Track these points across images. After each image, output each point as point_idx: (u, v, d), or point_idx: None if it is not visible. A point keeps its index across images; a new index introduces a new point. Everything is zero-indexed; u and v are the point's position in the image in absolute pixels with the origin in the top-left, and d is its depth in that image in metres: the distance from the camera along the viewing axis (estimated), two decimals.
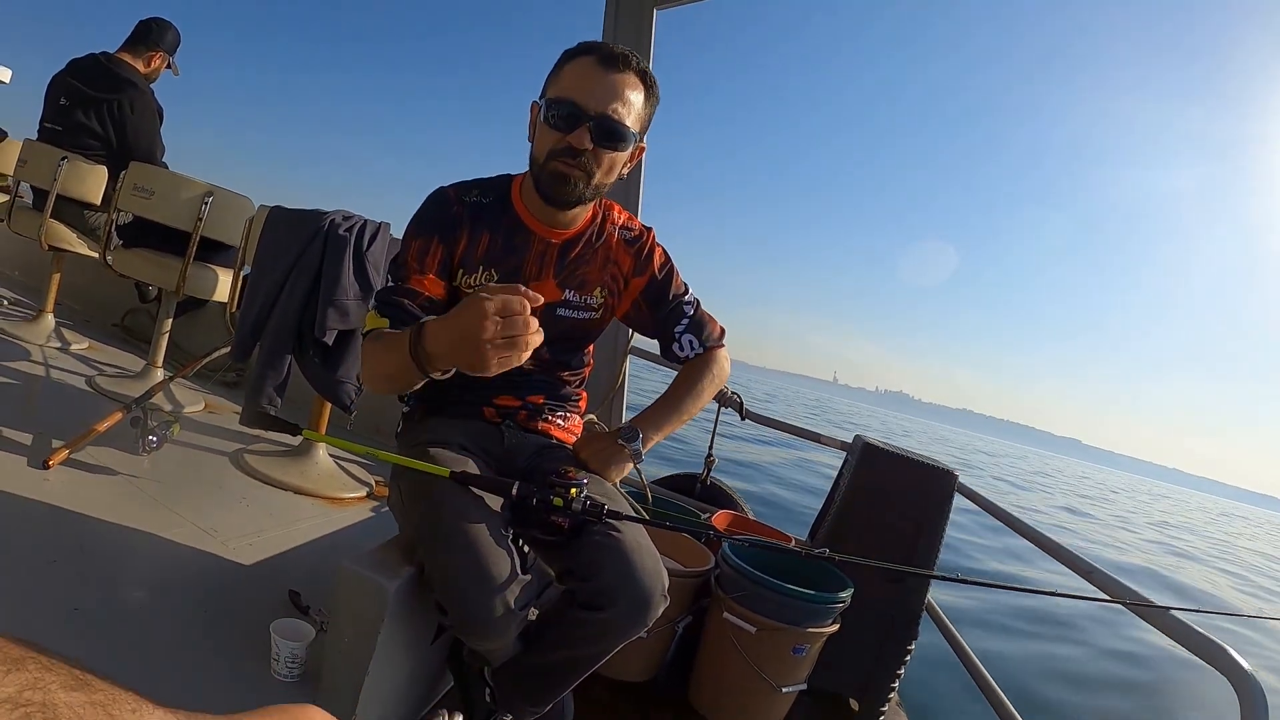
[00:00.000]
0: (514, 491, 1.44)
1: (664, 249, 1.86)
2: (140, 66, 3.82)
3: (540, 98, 1.61)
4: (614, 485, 1.74)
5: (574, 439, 1.88)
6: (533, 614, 1.60)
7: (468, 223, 1.68)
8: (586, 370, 1.93)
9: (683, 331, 1.84)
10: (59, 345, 3.69)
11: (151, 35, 3.85)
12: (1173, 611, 1.62)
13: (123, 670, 1.47)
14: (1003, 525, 2.52)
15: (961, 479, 2.52)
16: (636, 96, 1.58)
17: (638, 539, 1.50)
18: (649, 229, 1.85)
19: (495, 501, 1.47)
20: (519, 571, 1.40)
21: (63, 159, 3.48)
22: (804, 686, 2.17)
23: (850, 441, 2.86)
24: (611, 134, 1.56)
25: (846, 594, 2.14)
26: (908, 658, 2.44)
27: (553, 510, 1.43)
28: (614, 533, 1.48)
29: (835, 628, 2.15)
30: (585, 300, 1.77)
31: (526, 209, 1.71)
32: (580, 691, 1.72)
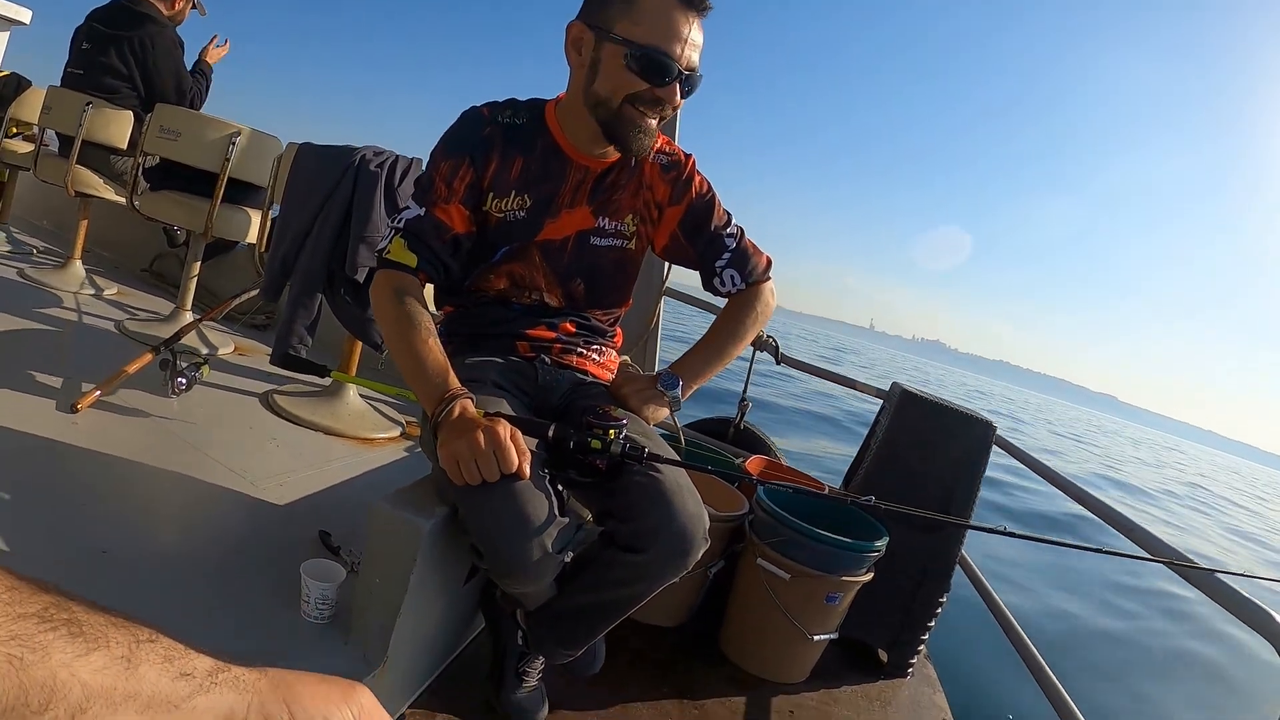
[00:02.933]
0: (550, 433, 1.41)
1: (704, 177, 1.79)
2: (164, 8, 3.78)
3: (603, 26, 1.51)
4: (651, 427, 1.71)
5: (609, 376, 1.84)
6: (568, 556, 1.58)
7: (500, 144, 1.63)
8: (622, 310, 1.88)
9: (724, 265, 1.78)
10: (88, 291, 3.69)
11: None
12: (1218, 574, 1.57)
13: (151, 610, 1.47)
14: (1041, 480, 2.48)
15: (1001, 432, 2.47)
16: (700, 33, 1.53)
17: (678, 480, 1.46)
18: (689, 156, 1.78)
19: (530, 442, 1.44)
20: (557, 514, 1.37)
21: (87, 104, 3.45)
22: (835, 635, 2.15)
23: (888, 389, 2.82)
24: (695, 86, 1.54)
25: (882, 543, 2.10)
26: (939, 610, 2.42)
27: (590, 452, 1.40)
28: (654, 474, 1.44)
29: (869, 577, 2.12)
30: (617, 227, 1.72)
31: (565, 136, 1.66)
32: (609, 635, 1.70)
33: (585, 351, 1.79)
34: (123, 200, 3.48)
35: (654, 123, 1.55)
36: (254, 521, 1.96)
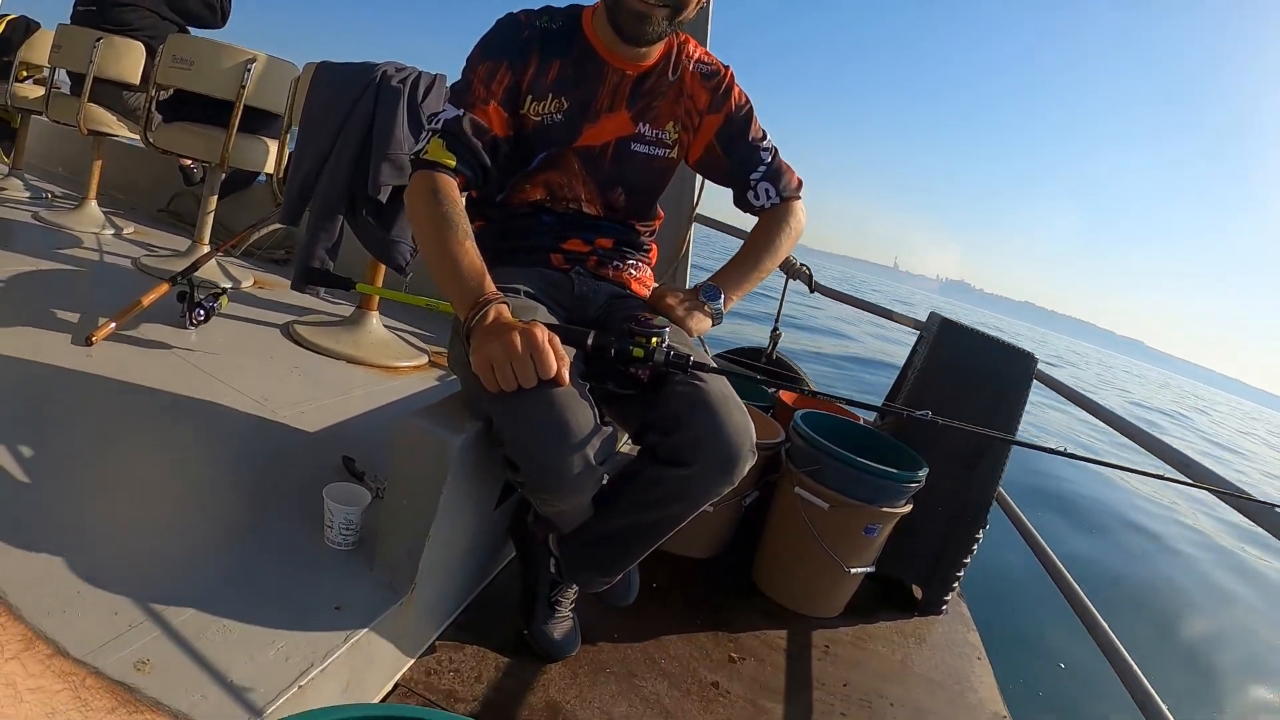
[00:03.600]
0: (589, 341, 1.34)
1: (743, 90, 1.71)
2: None
3: None
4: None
5: (647, 291, 1.77)
6: (604, 479, 1.52)
7: (537, 48, 1.56)
8: (657, 223, 1.81)
9: (759, 179, 1.71)
10: (105, 231, 3.64)
11: None
12: (1278, 509, 1.50)
13: (171, 541, 1.43)
14: (1085, 413, 2.40)
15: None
16: None
17: (724, 390, 1.39)
18: (727, 67, 1.70)
19: (568, 352, 1.37)
20: (599, 423, 1.30)
21: (98, 39, 3.37)
22: (872, 569, 2.10)
23: (924, 320, 2.73)
24: None
25: (922, 474, 2.04)
26: (975, 547, 2.36)
27: (632, 361, 1.33)
28: (698, 383, 1.37)
29: (908, 509, 2.06)
30: (658, 135, 1.64)
31: (600, 39, 1.58)
32: (643, 565, 1.65)
33: (622, 265, 1.72)
34: (137, 137, 3.41)
35: (659, 12, 1.46)
36: (275, 449, 1.91)
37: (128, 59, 3.52)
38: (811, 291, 2.96)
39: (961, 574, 2.37)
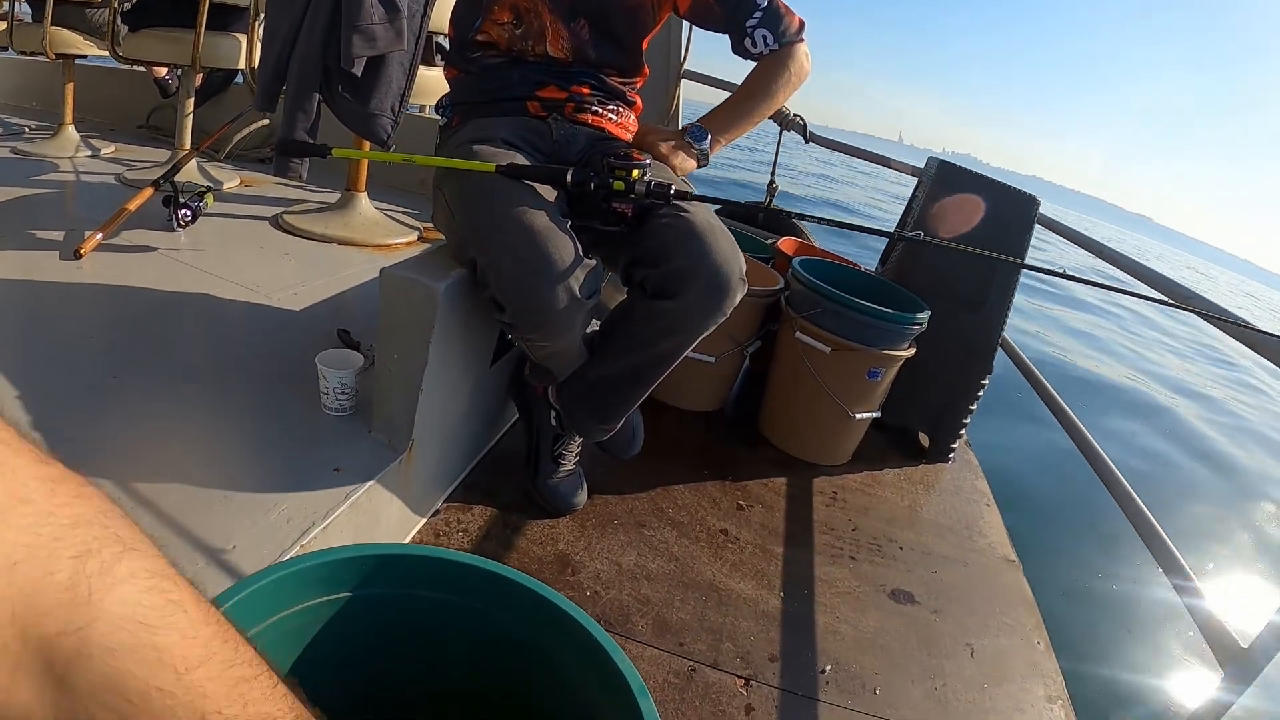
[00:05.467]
0: (569, 178, 1.31)
1: None
2: None
3: None
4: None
5: (629, 136, 1.71)
6: (594, 325, 1.49)
7: None
8: (640, 80, 1.73)
9: (756, 25, 1.60)
10: (85, 154, 3.56)
11: None
12: None
13: (171, 424, 1.42)
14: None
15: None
16: None
17: (709, 220, 1.36)
18: None
19: (550, 194, 1.33)
20: (581, 256, 1.27)
21: None
22: (877, 414, 2.09)
23: (923, 166, 2.67)
24: None
25: (924, 316, 2.01)
26: (980, 393, 2.35)
27: (613, 195, 1.30)
28: (683, 214, 1.34)
29: (911, 352, 2.04)
30: None
31: None
32: (649, 419, 1.65)
33: (601, 111, 1.65)
34: (106, 53, 3.31)
35: None
36: (270, 329, 1.89)
37: None
38: (807, 142, 2.89)
39: (968, 420, 2.37)
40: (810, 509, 1.94)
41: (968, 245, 2.07)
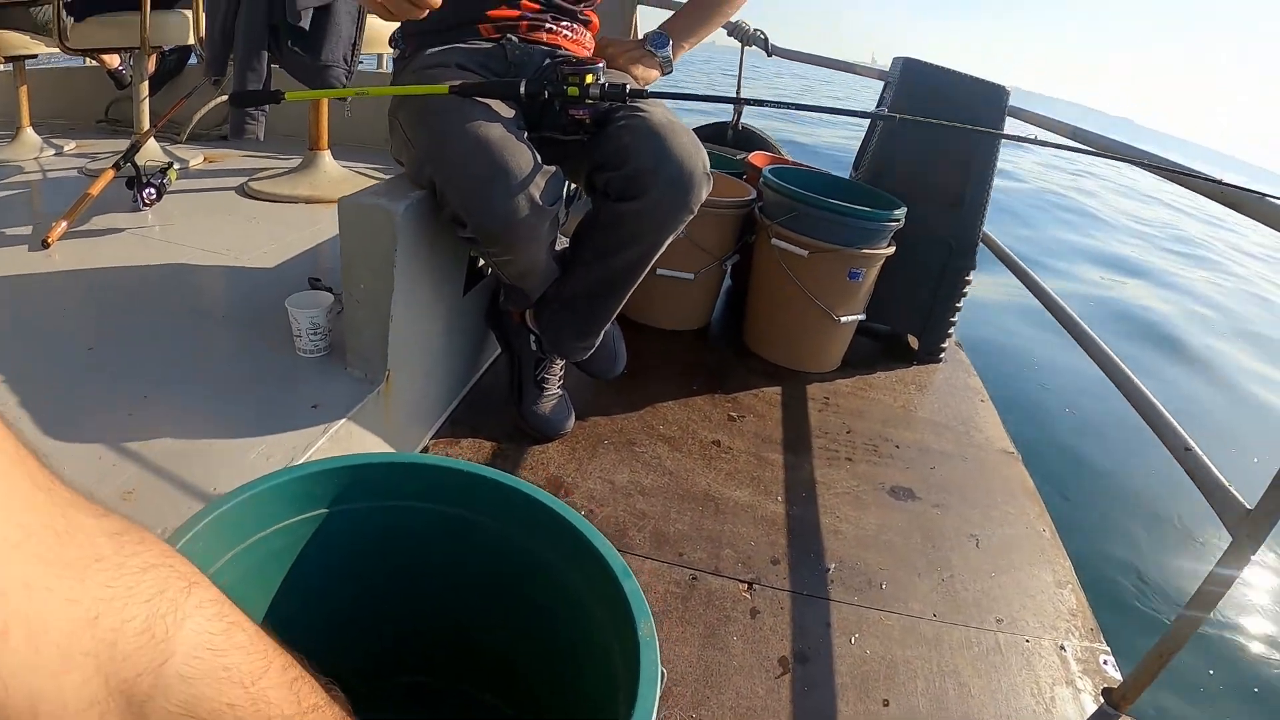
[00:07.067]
0: (523, 90, 1.28)
1: None
2: None
3: None
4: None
5: (587, 53, 1.66)
6: (564, 242, 1.47)
7: None
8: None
9: None
10: (47, 153, 3.52)
11: None
12: (1269, 199, 1.45)
13: (146, 385, 1.41)
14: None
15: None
16: None
17: (668, 117, 1.34)
18: None
19: (505, 110, 1.31)
20: (539, 163, 1.25)
21: None
22: (862, 316, 2.07)
23: (888, 67, 2.62)
24: None
25: (900, 212, 1.99)
26: (966, 291, 2.33)
27: (569, 102, 1.27)
28: (640, 112, 1.31)
29: (891, 249, 2.02)
30: None
31: None
32: (633, 341, 1.63)
33: (555, 28, 1.60)
34: (56, 50, 3.26)
35: None
36: (243, 288, 1.87)
37: None
38: (769, 55, 2.86)
39: (955, 319, 2.35)
40: (804, 415, 1.93)
41: (933, 157, 2.05)
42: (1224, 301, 7.59)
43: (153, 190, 2.40)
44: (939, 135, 2.23)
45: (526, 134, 1.30)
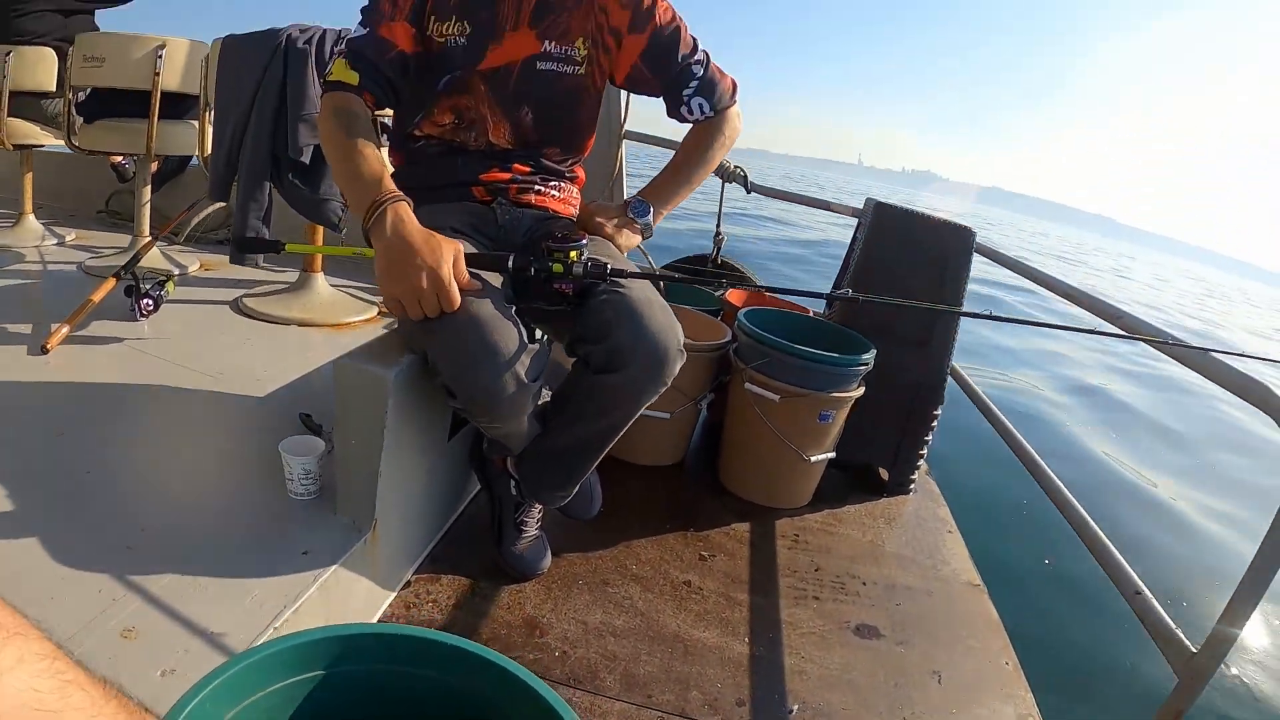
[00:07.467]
0: (511, 264, 1.37)
1: (670, 4, 1.66)
2: None
3: None
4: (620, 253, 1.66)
5: (573, 211, 1.78)
6: (546, 396, 1.55)
7: None
8: (580, 154, 1.79)
9: (692, 94, 1.69)
10: (48, 242, 3.60)
11: None
12: (1212, 354, 1.55)
13: (145, 518, 1.47)
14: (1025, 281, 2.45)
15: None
16: None
17: (646, 294, 1.43)
18: None
19: (494, 279, 1.40)
20: (525, 342, 1.34)
21: (7, 54, 3.30)
22: (833, 455, 2.15)
23: (861, 206, 2.76)
24: None
25: (869, 356, 2.09)
26: (934, 424, 2.42)
27: (554, 278, 1.36)
28: (620, 290, 1.40)
29: (860, 391, 2.11)
30: (566, 51, 1.61)
31: None
32: (610, 477, 1.70)
33: (544, 189, 1.71)
34: (62, 143, 3.37)
35: None
36: (235, 417, 1.94)
37: (40, 68, 3.45)
38: (749, 192, 2.99)
39: (925, 451, 2.44)
40: (773, 553, 1.99)
41: (903, 297, 2.16)
42: (1189, 432, 7.73)
43: (150, 302, 2.47)
44: (908, 277, 2.35)
45: (514, 304, 1.39)
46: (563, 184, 1.76)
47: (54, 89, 3.51)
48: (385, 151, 1.58)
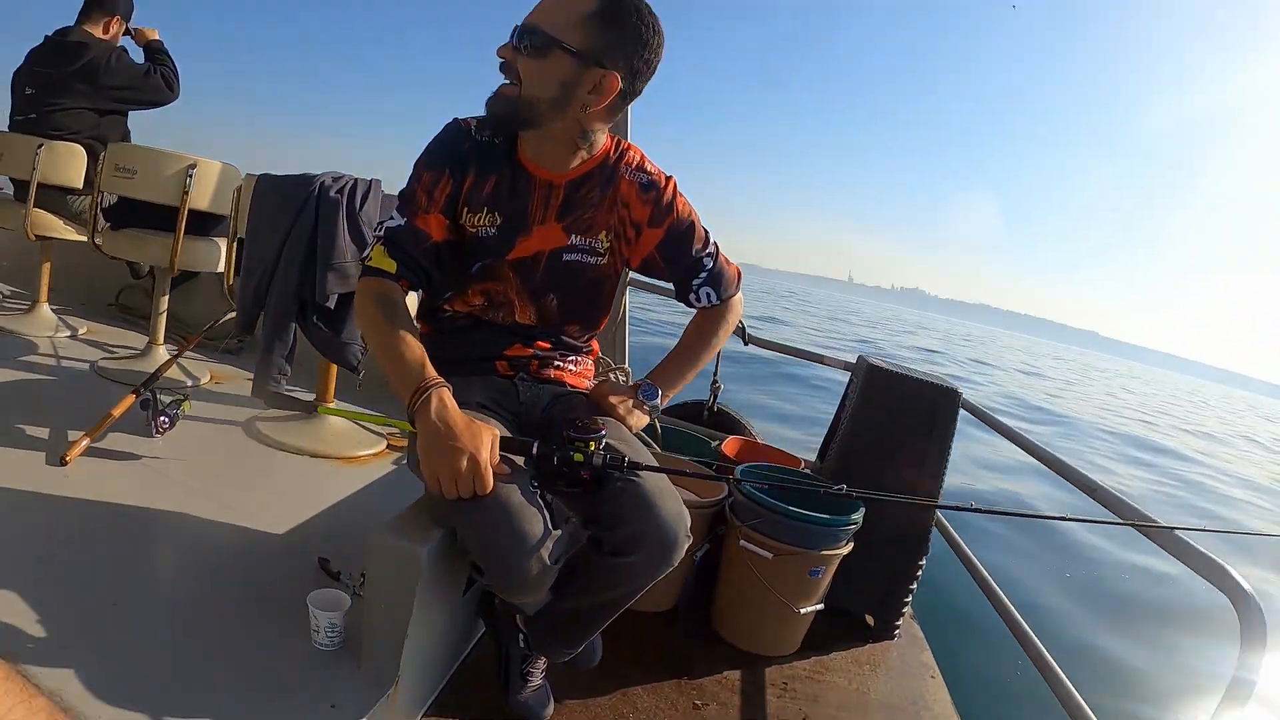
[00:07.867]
0: (535, 450, 1.49)
1: (686, 200, 1.80)
2: (98, 33, 3.73)
3: None
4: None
5: (586, 384, 1.91)
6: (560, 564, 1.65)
7: (475, 161, 1.67)
8: (598, 329, 1.93)
9: (701, 284, 1.84)
10: (61, 334, 3.68)
11: (105, 2, 3.76)
12: (1176, 531, 1.67)
13: (168, 659, 1.54)
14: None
15: (967, 394, 2.58)
16: (579, 5, 1.52)
17: (658, 484, 1.54)
18: (669, 178, 1.79)
19: (520, 461, 1.51)
20: (550, 527, 1.45)
21: (40, 145, 3.42)
22: (821, 606, 2.25)
23: (854, 362, 2.91)
24: (527, 34, 1.53)
25: (858, 515, 2.21)
26: (919, 573, 2.54)
27: (573, 465, 1.47)
28: (634, 480, 1.51)
29: (849, 548, 2.23)
30: (590, 244, 1.74)
31: (526, 153, 1.69)
32: (608, 625, 1.79)
33: (562, 365, 1.86)
34: (84, 239, 3.48)
35: (509, 89, 1.58)
36: (253, 555, 2.01)
37: (70, 164, 3.57)
38: (746, 344, 3.14)
39: (909, 599, 2.55)
40: (763, 703, 2.07)
41: (892, 453, 2.29)
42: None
43: (166, 420, 2.55)
44: (897, 432, 2.49)
45: (538, 487, 1.51)
46: (579, 358, 1.91)
47: (80, 187, 3.63)
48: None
